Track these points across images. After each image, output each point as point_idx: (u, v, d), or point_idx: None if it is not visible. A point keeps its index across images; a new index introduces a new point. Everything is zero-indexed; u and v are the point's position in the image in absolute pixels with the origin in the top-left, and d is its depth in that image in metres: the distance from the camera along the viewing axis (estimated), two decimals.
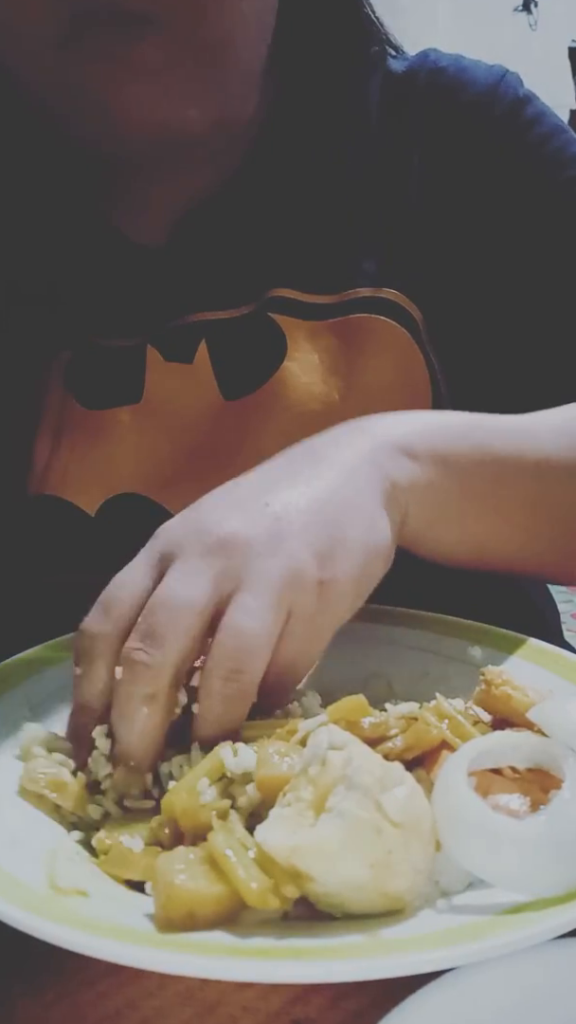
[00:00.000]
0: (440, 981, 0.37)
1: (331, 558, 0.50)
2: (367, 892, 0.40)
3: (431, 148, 0.75)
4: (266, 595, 0.48)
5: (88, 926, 0.39)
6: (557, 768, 0.44)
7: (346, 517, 0.52)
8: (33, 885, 0.41)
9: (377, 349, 0.71)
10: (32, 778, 0.49)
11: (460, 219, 0.74)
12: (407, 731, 0.46)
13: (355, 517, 0.52)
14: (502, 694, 0.50)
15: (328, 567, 0.50)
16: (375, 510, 0.53)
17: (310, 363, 0.71)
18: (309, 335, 0.71)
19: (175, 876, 0.40)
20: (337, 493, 0.53)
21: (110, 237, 0.75)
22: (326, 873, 0.39)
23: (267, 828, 0.41)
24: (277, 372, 0.70)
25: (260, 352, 0.71)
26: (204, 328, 0.72)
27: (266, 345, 0.71)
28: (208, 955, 0.38)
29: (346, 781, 0.40)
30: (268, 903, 0.39)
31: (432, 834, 0.41)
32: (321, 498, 0.52)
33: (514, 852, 0.40)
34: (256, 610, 0.47)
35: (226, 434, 0.71)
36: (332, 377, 0.70)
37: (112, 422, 0.71)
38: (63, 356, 0.73)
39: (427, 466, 0.57)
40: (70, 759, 0.50)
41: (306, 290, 0.72)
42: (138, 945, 0.38)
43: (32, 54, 0.64)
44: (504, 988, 0.37)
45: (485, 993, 0.37)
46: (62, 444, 0.71)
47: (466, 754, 0.44)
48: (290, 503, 0.52)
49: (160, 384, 0.72)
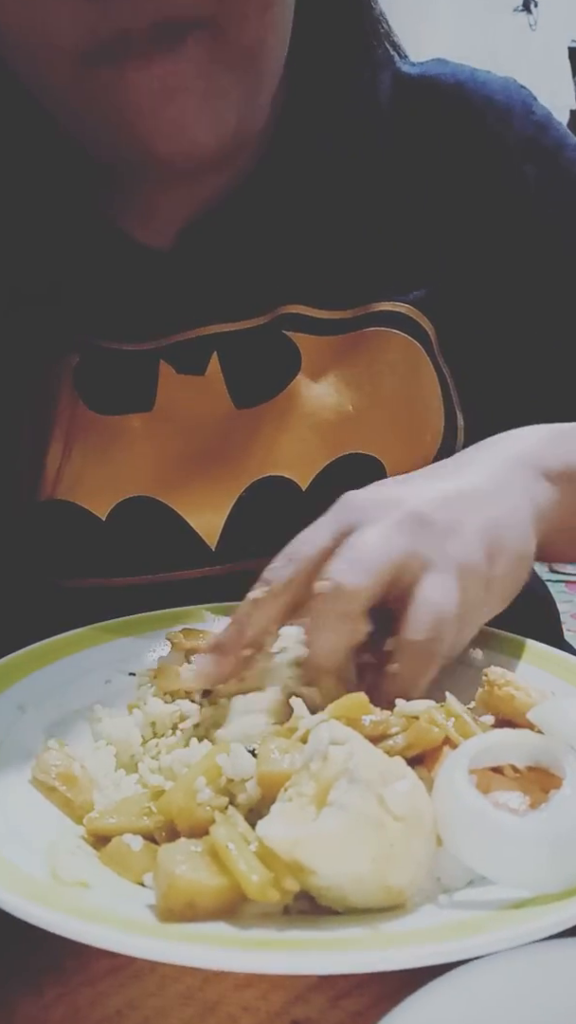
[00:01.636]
0: (440, 980, 0.37)
1: (495, 559, 0.54)
2: (368, 886, 0.40)
3: (448, 163, 0.75)
4: (454, 580, 0.52)
5: (88, 915, 0.39)
6: (557, 767, 0.44)
7: (508, 525, 0.56)
8: (35, 875, 0.42)
9: (390, 363, 0.71)
10: (43, 769, 0.50)
11: (475, 236, 0.74)
12: (408, 729, 0.46)
13: (515, 529, 0.57)
14: (505, 695, 0.50)
15: (493, 566, 0.54)
16: (527, 527, 0.58)
17: (323, 376, 0.71)
18: (322, 350, 0.71)
19: (176, 866, 0.40)
20: (501, 500, 0.57)
21: (117, 240, 0.74)
22: (327, 867, 0.40)
23: (269, 822, 0.41)
24: (290, 385, 0.71)
25: (273, 365, 0.71)
26: (216, 341, 0.72)
27: (279, 359, 0.71)
28: (209, 946, 0.38)
29: (348, 775, 0.40)
30: (268, 896, 0.40)
31: (433, 829, 0.42)
32: (490, 500, 0.57)
33: (514, 849, 0.40)
34: (450, 592, 0.52)
35: (238, 439, 0.71)
36: (345, 389, 0.70)
37: (123, 427, 0.71)
38: (71, 360, 0.73)
39: (559, 485, 0.61)
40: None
41: (319, 306, 0.72)
42: (138, 935, 0.38)
43: (50, 68, 0.61)
44: (504, 987, 0.37)
45: (485, 992, 0.37)
46: (73, 448, 0.71)
47: (467, 751, 0.44)
48: (464, 493, 0.56)
49: (172, 395, 0.72)
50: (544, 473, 0.61)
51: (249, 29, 0.61)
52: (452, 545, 0.53)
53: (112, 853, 0.45)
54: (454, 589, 0.52)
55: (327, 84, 0.75)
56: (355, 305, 0.72)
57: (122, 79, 0.59)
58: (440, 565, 0.52)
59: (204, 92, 0.60)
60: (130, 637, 0.63)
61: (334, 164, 0.74)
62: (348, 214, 0.74)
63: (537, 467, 0.61)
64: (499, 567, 0.55)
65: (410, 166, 0.75)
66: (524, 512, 0.58)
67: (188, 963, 0.37)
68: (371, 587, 0.51)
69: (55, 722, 0.55)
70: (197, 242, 0.73)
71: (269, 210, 0.73)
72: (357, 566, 0.51)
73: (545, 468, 0.61)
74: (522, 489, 0.59)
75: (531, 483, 0.60)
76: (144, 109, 0.60)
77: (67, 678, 0.59)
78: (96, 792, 0.50)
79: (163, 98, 0.59)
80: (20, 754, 0.51)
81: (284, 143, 0.74)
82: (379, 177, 0.74)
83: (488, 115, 0.75)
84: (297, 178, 0.74)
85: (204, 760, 0.46)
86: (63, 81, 0.61)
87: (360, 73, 0.76)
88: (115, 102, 0.60)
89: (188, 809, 0.44)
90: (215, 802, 0.44)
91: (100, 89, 0.60)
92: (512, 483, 0.59)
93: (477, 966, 0.37)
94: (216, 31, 0.59)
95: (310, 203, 0.74)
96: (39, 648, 0.60)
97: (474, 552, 0.53)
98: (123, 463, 0.71)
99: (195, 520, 0.70)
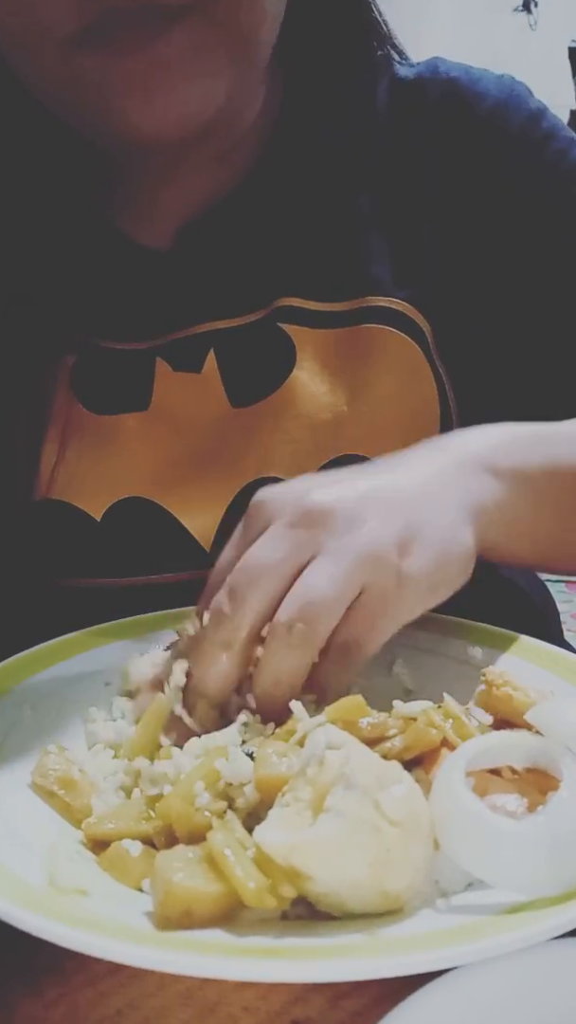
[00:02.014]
0: (440, 981, 0.37)
1: (409, 550, 0.52)
2: (365, 891, 0.40)
3: (444, 160, 0.74)
4: (342, 564, 0.50)
5: (86, 924, 0.39)
6: (555, 769, 0.44)
7: (428, 517, 0.54)
8: (33, 883, 0.42)
9: (385, 360, 0.71)
10: (42, 773, 0.50)
11: (472, 232, 0.74)
12: (406, 732, 0.46)
13: (437, 520, 0.54)
14: (503, 695, 0.50)
15: (405, 557, 0.52)
16: (458, 520, 0.55)
17: (319, 373, 0.71)
18: (318, 345, 0.71)
19: (173, 874, 0.40)
20: (424, 495, 0.55)
21: (114, 240, 0.74)
22: (325, 872, 0.40)
23: (266, 828, 0.41)
24: (286, 381, 0.70)
25: (269, 361, 0.71)
26: (212, 338, 0.72)
27: (275, 354, 0.71)
28: (206, 954, 0.38)
29: (344, 781, 0.40)
30: (265, 902, 0.39)
31: (431, 833, 0.42)
32: (408, 494, 0.55)
33: (512, 852, 0.40)
34: (330, 575, 0.50)
35: (234, 440, 0.71)
36: (340, 387, 0.70)
37: (119, 427, 0.71)
38: (68, 360, 0.73)
39: (507, 483, 0.59)
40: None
41: (314, 298, 0.72)
42: (135, 944, 0.38)
43: (40, 52, 0.62)
44: (504, 988, 0.37)
45: (485, 993, 0.37)
46: (68, 448, 0.71)
47: (464, 754, 0.44)
48: (378, 487, 0.54)
49: (168, 393, 0.72)
50: (490, 470, 0.58)
51: (239, 14, 0.61)
52: (351, 536, 0.51)
53: (111, 858, 0.45)
54: (339, 574, 0.49)
55: (326, 83, 0.75)
56: (350, 298, 0.72)
57: (110, 61, 0.60)
58: (329, 553, 0.50)
59: (193, 72, 0.61)
60: (128, 640, 0.63)
61: (331, 162, 0.74)
62: (344, 210, 0.74)
63: (483, 464, 0.58)
64: (414, 559, 0.52)
65: (406, 162, 0.75)
66: (453, 509, 0.55)
67: (187, 972, 0.37)
68: (252, 611, 0.50)
69: (54, 726, 0.55)
70: (195, 241, 0.74)
71: (267, 207, 0.74)
72: (234, 596, 0.50)
73: (492, 465, 0.58)
74: (459, 487, 0.57)
75: (472, 480, 0.57)
76: (132, 88, 0.60)
77: (65, 682, 0.59)
78: (95, 797, 0.50)
79: (151, 78, 0.60)
80: (19, 758, 0.51)
81: (283, 141, 0.74)
82: (375, 174, 0.75)
83: (482, 110, 0.75)
84: (295, 176, 0.74)
85: (203, 765, 0.46)
86: (51, 65, 0.62)
87: (358, 73, 0.76)
88: (103, 83, 0.61)
89: (186, 814, 0.44)
90: (213, 806, 0.44)
91: (88, 72, 0.61)
92: (447, 482, 0.56)
93: (477, 967, 0.37)
94: (206, 17, 0.60)
95: (308, 200, 0.74)
96: (36, 652, 0.60)
97: (377, 540, 0.51)
98: (118, 464, 0.71)
99: (189, 522, 0.70)
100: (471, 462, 0.58)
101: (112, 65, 0.60)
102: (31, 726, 0.54)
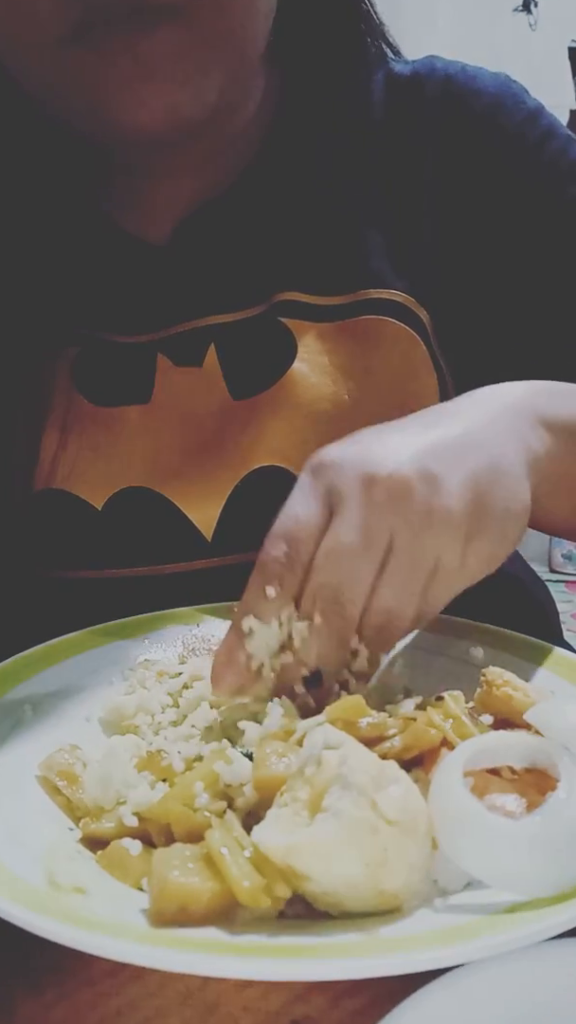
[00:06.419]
0: (439, 981, 0.37)
1: (479, 520, 0.51)
2: (363, 890, 0.40)
3: (442, 156, 0.75)
4: (418, 554, 0.50)
5: (84, 922, 0.39)
6: (554, 769, 0.44)
7: (501, 473, 0.52)
8: (32, 881, 0.42)
9: (386, 351, 0.71)
10: (49, 768, 0.50)
11: (471, 226, 0.74)
12: (405, 731, 0.46)
13: (506, 476, 0.52)
14: (503, 695, 0.50)
15: (475, 527, 0.50)
16: (520, 477, 0.53)
17: (319, 364, 0.71)
18: (318, 337, 0.71)
19: (169, 871, 0.41)
20: (492, 449, 0.53)
21: (113, 235, 0.75)
22: (322, 872, 0.40)
23: (263, 828, 0.41)
24: (286, 373, 0.71)
25: (269, 354, 0.71)
26: (213, 332, 0.72)
27: (275, 347, 0.71)
28: (203, 952, 0.38)
29: (341, 781, 0.40)
30: (259, 902, 0.40)
31: (428, 832, 0.42)
32: (475, 451, 0.52)
33: (510, 852, 0.40)
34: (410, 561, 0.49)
35: (235, 430, 0.71)
36: (341, 378, 0.70)
37: (120, 419, 0.72)
38: (70, 352, 0.73)
39: (557, 436, 0.57)
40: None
41: (314, 292, 0.72)
42: (133, 941, 0.38)
43: (31, 50, 0.63)
44: (503, 988, 0.37)
45: (485, 993, 0.37)
46: (69, 439, 0.71)
47: (462, 753, 0.44)
48: (440, 443, 0.52)
49: (169, 387, 0.72)
50: (541, 421, 0.57)
51: (225, 16, 0.62)
52: (435, 503, 0.50)
53: (110, 857, 0.45)
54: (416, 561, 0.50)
55: (322, 77, 0.76)
56: (349, 291, 0.72)
57: (100, 60, 0.61)
58: (406, 545, 0.50)
59: (181, 71, 0.61)
60: (128, 640, 0.63)
61: (329, 157, 0.75)
62: (342, 205, 0.74)
63: (533, 415, 0.57)
64: (485, 528, 0.51)
65: (404, 156, 0.75)
66: (517, 464, 0.54)
67: (184, 970, 0.37)
68: (359, 609, 0.50)
69: (54, 726, 0.55)
70: (194, 236, 0.74)
71: (265, 202, 0.74)
72: (339, 601, 0.50)
73: (542, 416, 0.57)
74: (516, 436, 0.55)
75: (527, 430, 0.56)
76: (121, 88, 0.61)
77: (66, 682, 0.59)
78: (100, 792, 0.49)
79: (138, 78, 0.61)
80: (19, 759, 0.51)
81: (280, 136, 0.75)
82: (373, 167, 0.75)
83: (480, 106, 0.75)
84: (293, 171, 0.74)
85: (202, 767, 0.46)
86: (45, 65, 0.63)
87: (354, 68, 0.76)
88: (94, 83, 0.61)
89: (185, 814, 0.44)
90: (213, 806, 0.44)
91: (80, 72, 0.62)
92: (505, 430, 0.55)
93: (476, 966, 0.37)
94: (192, 17, 0.60)
95: (306, 195, 0.74)
96: (37, 652, 0.60)
97: (450, 513, 0.50)
98: (120, 454, 0.71)
99: (191, 511, 0.71)
100: (521, 413, 0.56)
101: (101, 65, 0.61)
102: (32, 726, 0.54)
